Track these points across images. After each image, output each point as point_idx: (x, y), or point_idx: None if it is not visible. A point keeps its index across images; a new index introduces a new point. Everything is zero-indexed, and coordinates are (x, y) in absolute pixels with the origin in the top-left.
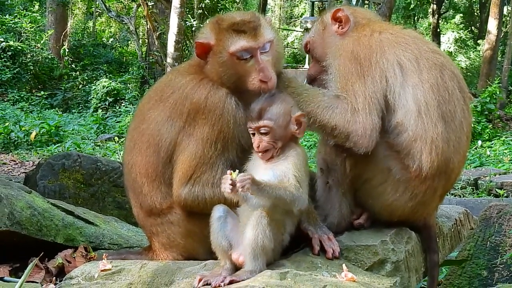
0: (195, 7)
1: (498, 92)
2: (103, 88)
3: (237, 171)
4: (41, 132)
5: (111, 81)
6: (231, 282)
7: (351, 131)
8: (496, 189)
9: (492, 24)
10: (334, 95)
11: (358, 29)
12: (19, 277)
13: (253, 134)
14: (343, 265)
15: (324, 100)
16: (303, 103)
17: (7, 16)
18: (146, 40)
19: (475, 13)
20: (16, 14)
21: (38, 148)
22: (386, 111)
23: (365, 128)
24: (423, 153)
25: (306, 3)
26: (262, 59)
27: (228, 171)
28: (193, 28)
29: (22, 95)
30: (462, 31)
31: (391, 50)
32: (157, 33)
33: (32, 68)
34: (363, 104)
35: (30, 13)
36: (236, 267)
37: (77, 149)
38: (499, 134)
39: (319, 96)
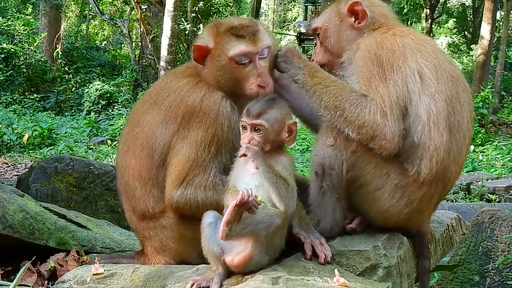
0: (188, 10)
1: (491, 97)
2: (96, 91)
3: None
4: (33, 135)
5: (104, 84)
6: None
7: (379, 133)
8: (488, 194)
9: (485, 29)
10: (362, 94)
11: (378, 28)
12: (11, 281)
13: (244, 128)
14: (335, 270)
15: (353, 96)
16: (330, 95)
17: (0, 19)
18: (139, 43)
19: (468, 18)
20: (9, 17)
21: (31, 151)
22: None
23: (394, 134)
24: (423, 159)
25: (299, 7)
26: (260, 64)
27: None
28: (187, 32)
29: (15, 98)
30: (455, 35)
31: (413, 58)
32: (151, 36)
33: (25, 70)
34: (391, 108)
35: (23, 16)
36: (228, 272)
37: (70, 152)
38: (491, 139)
39: (348, 91)
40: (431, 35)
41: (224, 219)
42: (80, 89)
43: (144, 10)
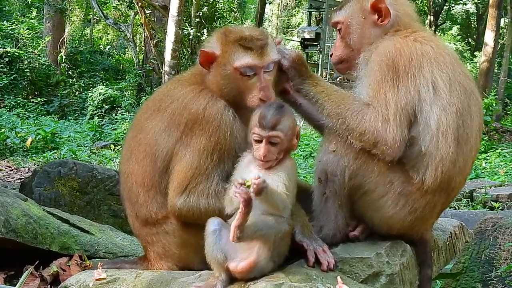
0: (192, 15)
1: (494, 104)
2: (99, 95)
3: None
4: (37, 139)
5: (107, 88)
6: None
7: (380, 140)
8: (491, 202)
9: (489, 36)
10: (365, 102)
11: (400, 29)
12: (14, 285)
13: (258, 142)
14: (338, 277)
15: (355, 105)
16: (332, 104)
17: (4, 22)
18: (143, 47)
19: (472, 25)
20: (13, 21)
21: (34, 155)
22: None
23: (395, 139)
24: (428, 168)
25: (303, 13)
26: (264, 77)
27: (240, 180)
28: (190, 37)
29: (18, 101)
30: (459, 42)
31: (429, 68)
32: (154, 41)
33: (29, 74)
34: (394, 114)
35: (27, 20)
36: (231, 278)
37: (73, 156)
38: (494, 146)
39: (349, 99)
40: None
41: (235, 223)
42: (83, 93)
43: (148, 15)
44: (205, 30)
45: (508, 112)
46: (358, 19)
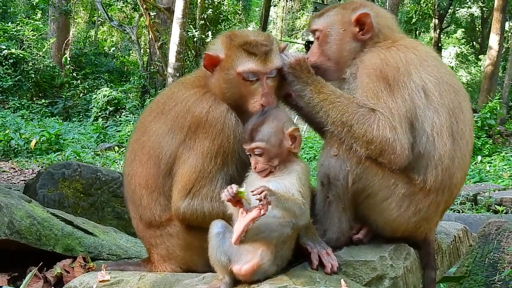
0: (197, 17)
1: (498, 108)
2: (103, 97)
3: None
4: (41, 140)
5: (112, 90)
6: None
7: (388, 148)
8: (495, 205)
9: (493, 40)
10: (369, 108)
11: (381, 40)
12: (18, 286)
13: (250, 155)
14: (342, 280)
15: (360, 112)
16: (337, 111)
17: (9, 24)
18: (148, 49)
19: (477, 29)
20: (18, 22)
21: (38, 156)
22: None
23: (403, 148)
24: (428, 168)
25: (308, 15)
26: (267, 83)
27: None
28: (195, 39)
29: (23, 103)
30: (463, 46)
31: (417, 73)
32: (159, 43)
33: (33, 76)
34: (400, 122)
35: (32, 21)
36: (235, 280)
37: (77, 157)
38: (499, 150)
39: (354, 106)
40: (440, 45)
41: (242, 228)
42: (88, 95)
43: (152, 17)
44: (209, 33)
45: None
46: (337, 30)
